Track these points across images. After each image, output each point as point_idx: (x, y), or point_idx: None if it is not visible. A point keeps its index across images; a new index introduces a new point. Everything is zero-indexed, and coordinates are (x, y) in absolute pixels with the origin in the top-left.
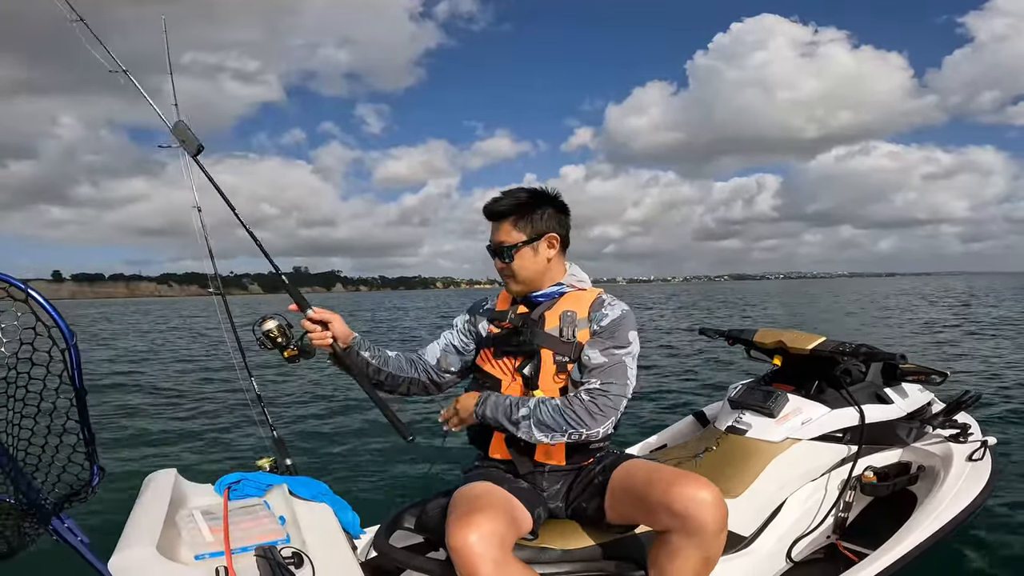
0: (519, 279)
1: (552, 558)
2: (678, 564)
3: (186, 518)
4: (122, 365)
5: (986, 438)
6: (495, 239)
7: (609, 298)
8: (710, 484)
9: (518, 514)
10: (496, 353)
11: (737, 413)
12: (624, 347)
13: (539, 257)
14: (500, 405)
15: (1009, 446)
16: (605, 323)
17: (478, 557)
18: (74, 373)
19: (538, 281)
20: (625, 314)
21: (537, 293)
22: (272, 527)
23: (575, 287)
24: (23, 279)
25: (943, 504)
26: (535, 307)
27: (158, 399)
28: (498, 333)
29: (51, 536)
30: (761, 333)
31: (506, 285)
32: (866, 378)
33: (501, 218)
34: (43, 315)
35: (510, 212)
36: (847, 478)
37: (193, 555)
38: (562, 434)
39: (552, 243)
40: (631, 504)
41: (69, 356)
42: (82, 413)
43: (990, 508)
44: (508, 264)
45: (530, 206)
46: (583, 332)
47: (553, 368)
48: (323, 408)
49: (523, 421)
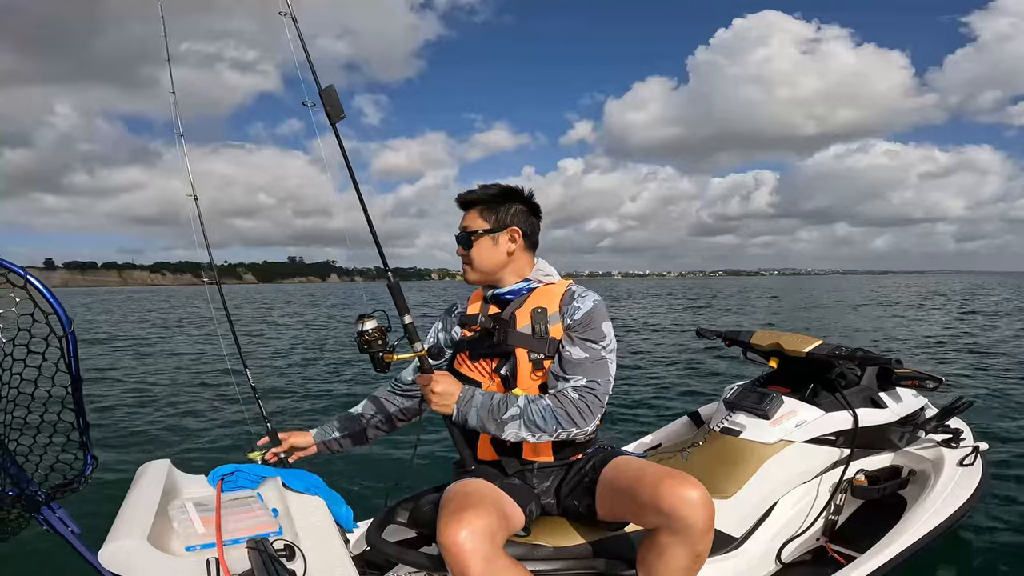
0: (475, 267)
1: (544, 555)
2: (666, 562)
3: (178, 509)
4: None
5: (978, 444)
6: (460, 226)
7: (579, 289)
8: (697, 483)
9: (510, 511)
10: (472, 356)
11: (732, 414)
12: (600, 341)
13: (498, 248)
14: (485, 406)
15: (1002, 452)
16: (578, 316)
17: (469, 553)
18: (71, 360)
19: (496, 273)
20: (596, 305)
21: (504, 291)
22: (265, 519)
23: (542, 282)
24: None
25: (932, 508)
26: (505, 306)
27: (153, 389)
28: (472, 336)
29: (41, 526)
30: (758, 335)
31: (465, 274)
32: (861, 382)
33: (470, 207)
34: (41, 302)
35: (478, 201)
36: (839, 481)
37: (184, 546)
38: (550, 433)
39: (514, 237)
40: (620, 502)
41: (67, 343)
42: (77, 401)
43: (981, 513)
44: (467, 252)
45: (499, 199)
46: (555, 327)
47: (530, 366)
48: (318, 401)
49: (511, 421)
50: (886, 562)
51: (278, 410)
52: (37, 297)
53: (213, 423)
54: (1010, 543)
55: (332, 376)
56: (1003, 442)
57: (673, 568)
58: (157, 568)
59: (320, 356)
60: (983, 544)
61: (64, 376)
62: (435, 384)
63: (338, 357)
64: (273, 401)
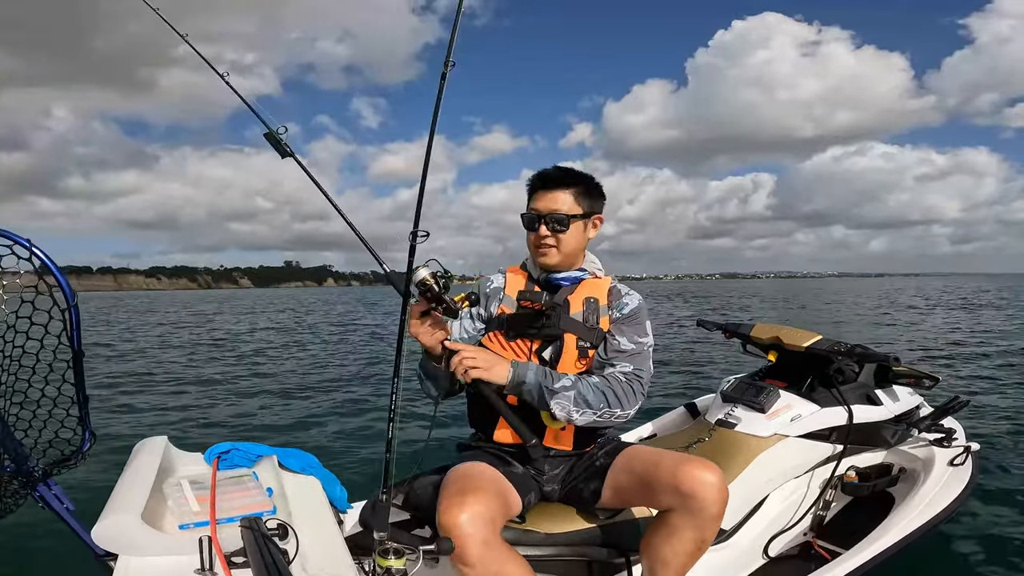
0: (563, 251)
1: (535, 541)
2: (672, 544)
3: (174, 486)
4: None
5: (970, 444)
6: (548, 206)
7: (624, 288)
8: (716, 468)
9: (510, 497)
10: (510, 335)
11: (728, 407)
12: (644, 337)
13: (585, 235)
14: (541, 372)
15: (994, 452)
16: (627, 311)
17: (468, 537)
18: (73, 334)
19: (574, 258)
20: (642, 305)
21: (560, 276)
22: (259, 498)
23: (594, 274)
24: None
25: (919, 507)
26: (556, 290)
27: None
28: (515, 314)
29: (37, 502)
30: (758, 328)
31: (542, 256)
32: (858, 379)
33: (563, 186)
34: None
35: (576, 183)
36: (830, 477)
37: (178, 524)
38: (596, 412)
39: (597, 225)
40: (633, 486)
41: (70, 316)
42: (78, 376)
43: (969, 512)
44: (559, 233)
45: (593, 185)
46: (604, 319)
47: (576, 353)
48: (316, 381)
49: (563, 392)
50: (870, 559)
51: (277, 392)
52: (42, 269)
53: (213, 402)
54: (996, 543)
55: (329, 360)
56: (995, 442)
57: (679, 551)
58: (150, 545)
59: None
60: (969, 544)
61: (66, 351)
62: (472, 350)
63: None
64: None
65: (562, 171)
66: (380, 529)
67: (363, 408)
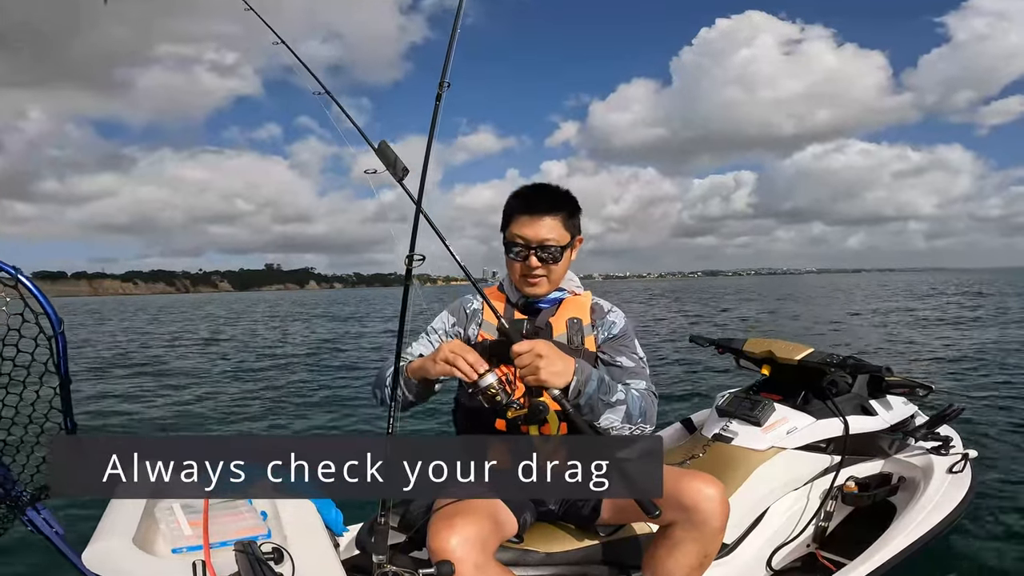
0: (552, 280)
1: (534, 561)
2: (676, 558)
3: (165, 510)
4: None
5: (967, 451)
6: (538, 235)
7: (606, 304)
8: (718, 482)
9: (503, 517)
10: (493, 362)
11: (724, 421)
12: (638, 353)
13: (570, 260)
14: (600, 380)
15: (991, 459)
16: (616, 332)
17: (459, 562)
18: (60, 361)
19: (559, 283)
20: (628, 322)
21: (542, 299)
22: (253, 522)
23: (574, 292)
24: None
25: (921, 516)
26: (536, 313)
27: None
28: (497, 340)
29: (26, 527)
30: (751, 342)
31: (531, 287)
32: (852, 390)
33: (551, 212)
34: (32, 302)
35: (561, 208)
36: (829, 488)
37: (171, 548)
38: (632, 427)
39: (577, 246)
40: (633, 501)
41: (56, 344)
42: (65, 402)
43: (969, 520)
44: (550, 264)
45: (575, 206)
46: (589, 339)
47: None
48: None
49: (618, 406)
50: (875, 569)
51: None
52: (28, 297)
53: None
54: (998, 550)
55: (329, 383)
56: (992, 449)
57: (683, 564)
58: (141, 569)
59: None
60: (971, 551)
61: (52, 376)
62: (541, 346)
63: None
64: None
65: (548, 195)
66: (379, 553)
67: (360, 431)
